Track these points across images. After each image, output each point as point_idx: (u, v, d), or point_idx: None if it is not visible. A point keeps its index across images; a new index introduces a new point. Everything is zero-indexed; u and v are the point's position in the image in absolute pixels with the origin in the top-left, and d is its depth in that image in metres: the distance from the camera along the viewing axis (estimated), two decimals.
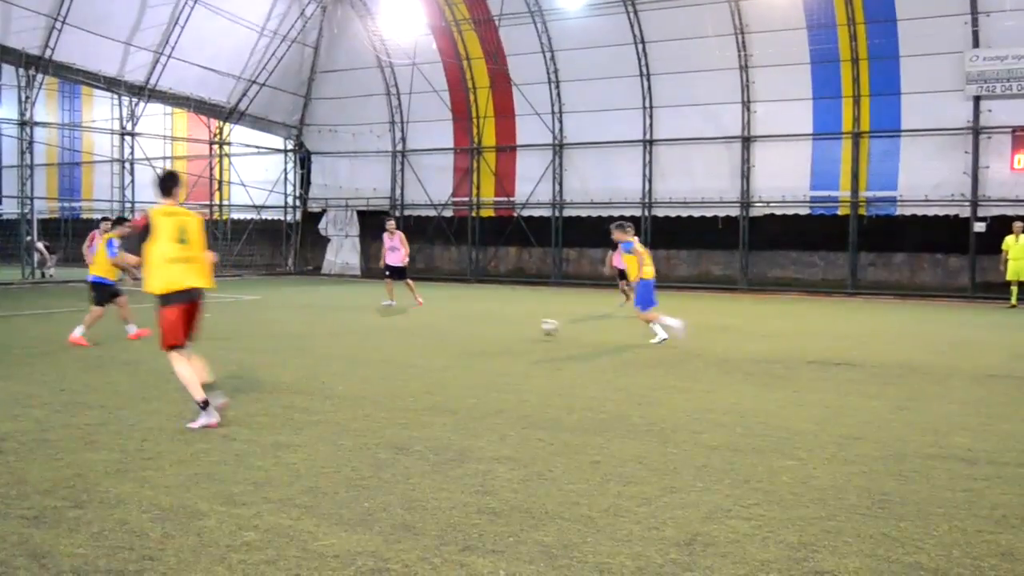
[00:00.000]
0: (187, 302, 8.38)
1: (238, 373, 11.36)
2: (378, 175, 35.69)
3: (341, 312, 20.47)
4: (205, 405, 8.15)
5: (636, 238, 15.65)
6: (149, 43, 31.21)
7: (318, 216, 37.31)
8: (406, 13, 31.94)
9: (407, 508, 5.80)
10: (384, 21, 33.06)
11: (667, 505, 5.92)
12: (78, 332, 13.98)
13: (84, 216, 42.26)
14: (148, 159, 34.66)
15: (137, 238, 8.32)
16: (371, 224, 34.81)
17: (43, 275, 31.12)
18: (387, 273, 21.93)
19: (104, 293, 14.53)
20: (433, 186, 34.42)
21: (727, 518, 5.67)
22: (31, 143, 30.96)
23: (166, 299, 8.27)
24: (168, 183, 8.57)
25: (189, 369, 8.32)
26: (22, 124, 30.82)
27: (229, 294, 24.10)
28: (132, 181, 34.10)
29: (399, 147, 35.17)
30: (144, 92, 32.36)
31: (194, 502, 5.88)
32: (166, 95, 33.02)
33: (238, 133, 37.27)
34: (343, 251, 36.60)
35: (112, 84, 31.64)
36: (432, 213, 34.62)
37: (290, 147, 37.64)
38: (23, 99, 30.44)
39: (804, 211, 28.32)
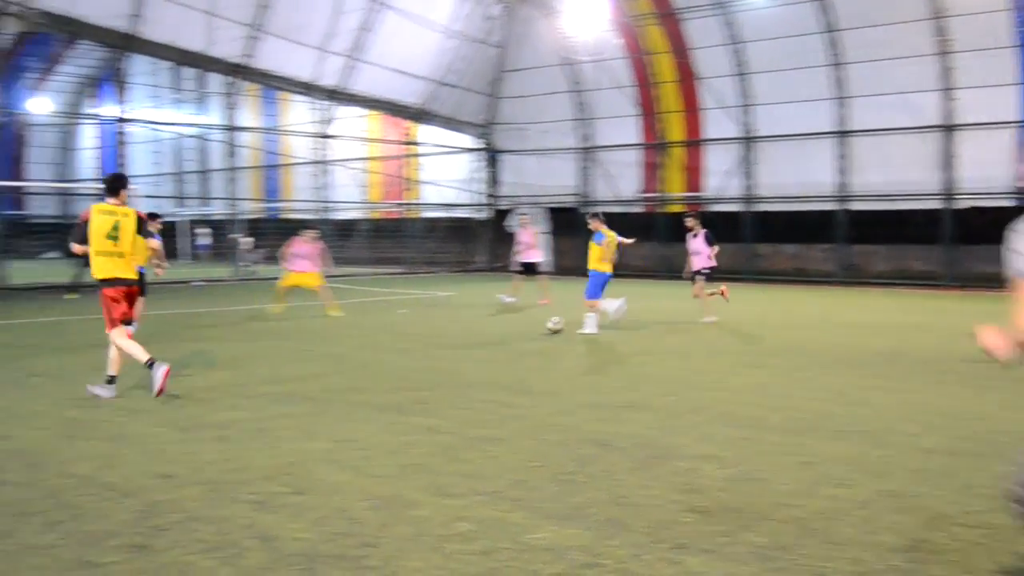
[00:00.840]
0: (123, 287, 9.50)
1: (435, 367, 11.63)
2: (565, 172, 35.84)
3: (531, 309, 20.67)
4: (112, 380, 9.42)
5: (608, 231, 16.34)
6: (342, 48, 32.29)
7: (507, 214, 37.77)
8: (589, 10, 31.95)
9: (615, 504, 5.80)
10: (567, 19, 33.16)
11: (884, 509, 5.71)
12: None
13: (284, 216, 44.19)
14: (343, 160, 35.91)
15: (79, 231, 9.47)
16: (560, 221, 35.04)
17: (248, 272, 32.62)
18: (521, 270, 21.81)
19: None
20: (620, 182, 34.34)
21: (951, 525, 5.42)
22: (236, 147, 32.56)
23: (104, 283, 9.46)
24: (114, 183, 9.70)
25: (129, 342, 9.46)
26: (228, 129, 32.49)
27: (424, 291, 24.70)
28: (330, 183, 35.38)
29: (585, 144, 35.24)
30: (338, 96, 33.54)
31: (407, 492, 6.05)
32: (359, 98, 34.11)
33: (429, 133, 38.14)
34: None
35: (308, 89, 32.95)
36: (620, 209, 34.51)
37: (479, 146, 38.25)
38: (227, 105, 32.09)
39: (1011, 203, 26.78)
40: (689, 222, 17.87)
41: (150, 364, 9.27)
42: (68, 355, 12.82)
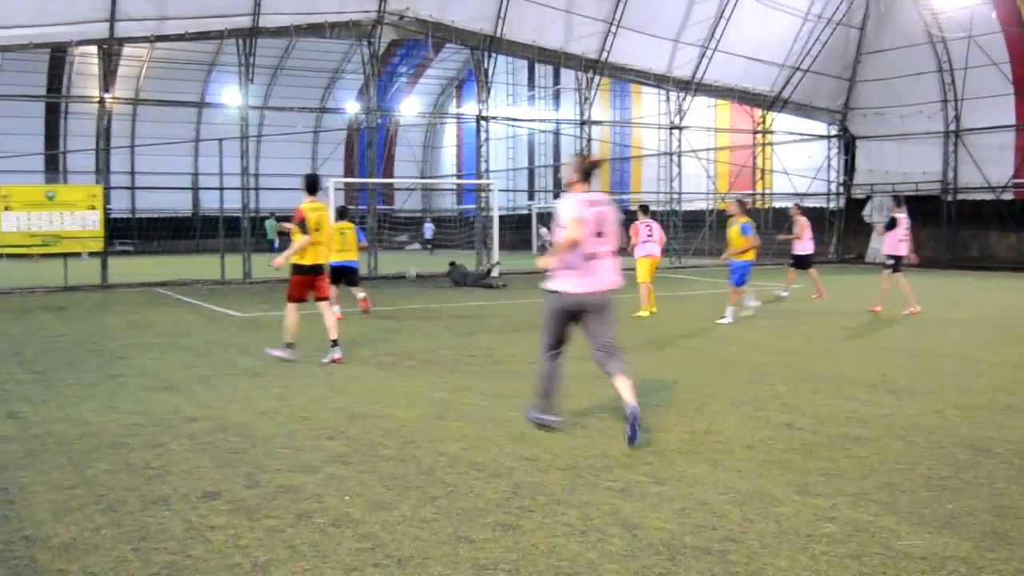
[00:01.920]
0: (321, 273, 11.67)
1: (789, 361, 11.33)
2: (928, 158, 33.70)
3: (890, 301, 19.64)
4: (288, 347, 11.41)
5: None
6: (695, 38, 32.20)
7: (862, 203, 36.13)
8: None
9: (996, 514, 5.38)
10: None
11: None
12: None
13: (633, 208, 44.74)
14: (693, 151, 35.82)
15: (303, 225, 11.22)
16: (920, 210, 33.09)
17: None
18: (792, 263, 21.22)
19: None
20: (990, 167, 31.81)
21: None
22: (589, 140, 33.35)
23: (309, 270, 11.48)
24: (314, 184, 11.62)
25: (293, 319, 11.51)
26: (581, 123, 33.37)
27: (772, 283, 24.11)
28: (679, 173, 35.42)
29: (952, 127, 32.96)
30: (691, 86, 33.47)
31: (768, 488, 5.93)
32: (711, 88, 33.88)
33: (781, 121, 37.22)
34: None
35: (661, 81, 33.15)
36: (989, 196, 32.03)
37: (834, 132, 36.84)
38: (581, 100, 32.95)
39: None
40: None
41: (333, 343, 11.39)
42: (435, 340, 13.65)
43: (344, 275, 16.28)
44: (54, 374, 10.68)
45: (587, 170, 7.32)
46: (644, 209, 17.27)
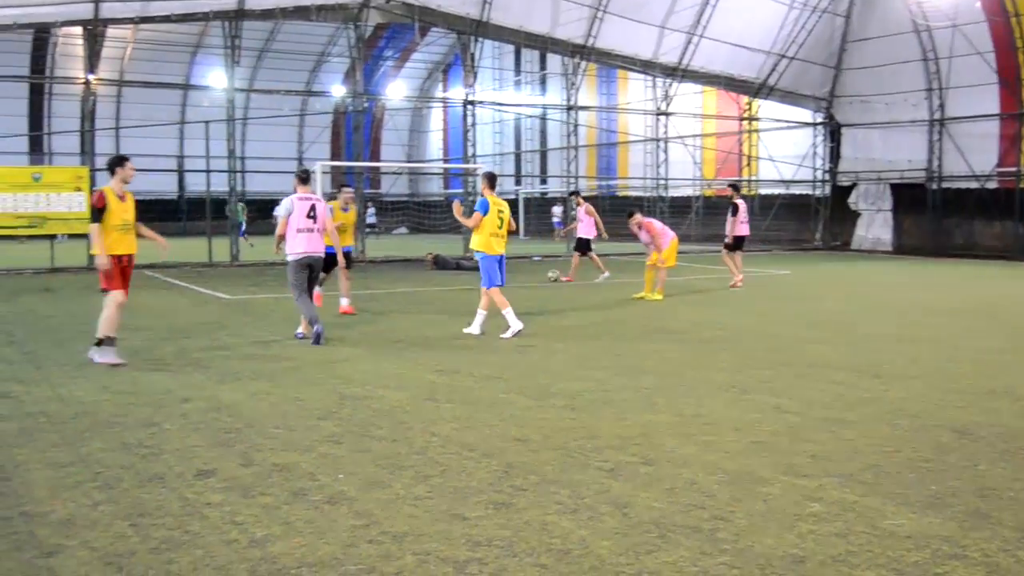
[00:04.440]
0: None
1: (775, 346, 11.45)
2: (913, 146, 33.83)
3: (876, 288, 19.81)
4: (106, 343, 10.06)
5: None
6: (682, 25, 32.22)
7: (848, 190, 36.29)
8: None
9: (979, 496, 5.49)
10: None
11: None
12: None
13: (620, 194, 44.84)
14: (680, 137, 35.90)
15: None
16: (905, 198, 33.28)
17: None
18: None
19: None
20: (975, 156, 31.99)
21: None
22: (575, 126, 33.39)
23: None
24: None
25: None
26: (568, 109, 33.40)
27: (760, 269, 24.28)
28: (666, 159, 35.51)
29: (936, 115, 33.12)
30: (677, 73, 33.53)
31: (756, 469, 6.02)
32: (698, 74, 33.93)
33: (767, 108, 37.33)
34: (874, 226, 35.25)
35: (648, 67, 33.20)
36: (973, 185, 32.22)
37: (819, 120, 36.97)
38: (568, 85, 32.97)
39: None
40: None
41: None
42: (423, 322, 13.72)
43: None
44: (45, 354, 10.70)
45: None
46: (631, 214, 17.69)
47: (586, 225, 21.28)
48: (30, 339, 11.98)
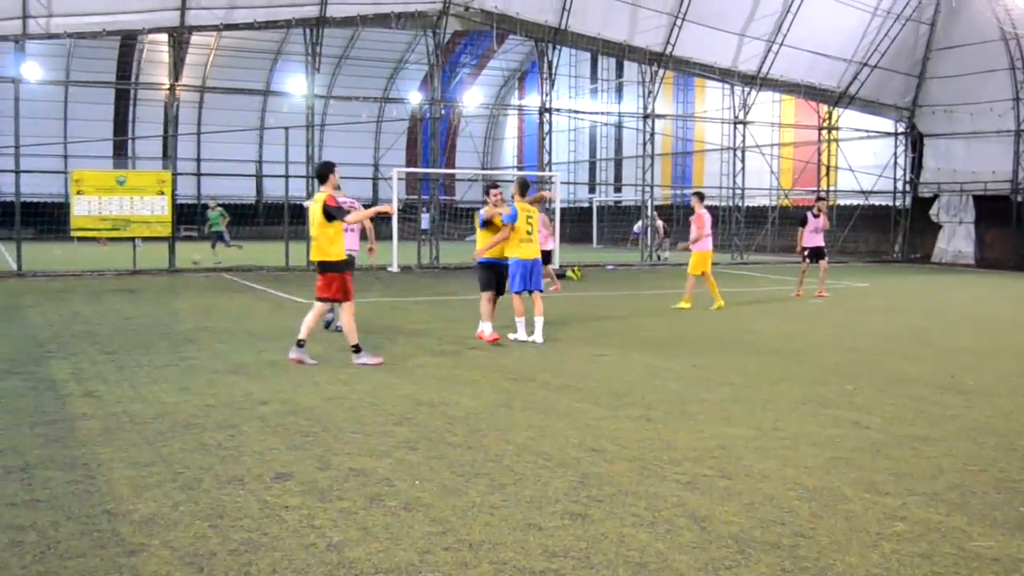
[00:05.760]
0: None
1: (857, 360, 11.24)
2: (998, 157, 33.02)
3: (957, 302, 19.35)
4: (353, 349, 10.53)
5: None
6: (762, 33, 31.88)
7: (929, 201, 35.55)
8: None
9: None
10: None
11: None
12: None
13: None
14: (757, 146, 35.51)
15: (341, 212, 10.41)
16: (988, 210, 32.50)
17: (658, 258, 33.09)
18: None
19: None
20: None
21: None
22: (652, 134, 33.22)
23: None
24: (324, 171, 10.72)
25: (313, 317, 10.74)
26: (644, 117, 33.24)
27: (837, 281, 23.88)
28: (742, 168, 35.14)
29: (1023, 126, 32.29)
30: (756, 81, 33.17)
31: (837, 485, 5.90)
32: (777, 83, 33.53)
33: (847, 117, 36.74)
34: (956, 238, 34.49)
35: (726, 75, 32.90)
36: None
37: (901, 130, 36.29)
38: (644, 93, 32.82)
39: None
40: None
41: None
42: (497, 328, 13.71)
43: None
44: (127, 355, 10.91)
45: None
46: (700, 197, 17.26)
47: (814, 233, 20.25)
48: (113, 339, 12.24)
